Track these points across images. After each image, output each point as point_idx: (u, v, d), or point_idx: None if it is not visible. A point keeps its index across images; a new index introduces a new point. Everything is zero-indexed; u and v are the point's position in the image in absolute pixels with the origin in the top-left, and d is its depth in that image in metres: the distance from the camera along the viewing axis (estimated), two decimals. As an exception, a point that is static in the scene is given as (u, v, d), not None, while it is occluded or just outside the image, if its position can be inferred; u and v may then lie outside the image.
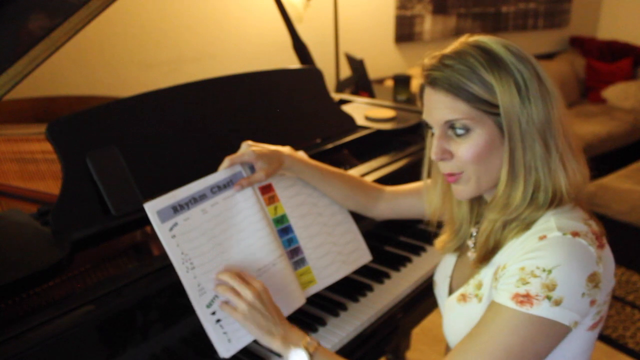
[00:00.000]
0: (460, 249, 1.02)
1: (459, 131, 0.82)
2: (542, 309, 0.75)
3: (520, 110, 0.79)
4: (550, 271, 0.75)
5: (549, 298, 0.75)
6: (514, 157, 0.81)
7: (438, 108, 0.83)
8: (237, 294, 0.90)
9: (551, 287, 0.75)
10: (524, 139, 0.80)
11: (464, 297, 0.91)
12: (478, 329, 0.80)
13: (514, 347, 0.76)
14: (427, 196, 1.03)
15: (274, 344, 0.87)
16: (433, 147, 0.86)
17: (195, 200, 0.96)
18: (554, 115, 0.81)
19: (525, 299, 0.76)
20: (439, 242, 1.04)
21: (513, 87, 0.79)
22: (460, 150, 0.83)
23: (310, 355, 0.84)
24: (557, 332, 0.77)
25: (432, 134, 0.87)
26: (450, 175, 0.87)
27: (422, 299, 1.33)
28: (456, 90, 0.80)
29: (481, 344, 0.77)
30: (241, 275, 0.93)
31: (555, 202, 0.82)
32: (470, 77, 0.79)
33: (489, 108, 0.80)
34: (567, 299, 0.75)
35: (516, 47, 0.82)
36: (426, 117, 0.87)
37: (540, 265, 0.76)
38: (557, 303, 0.75)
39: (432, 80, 0.82)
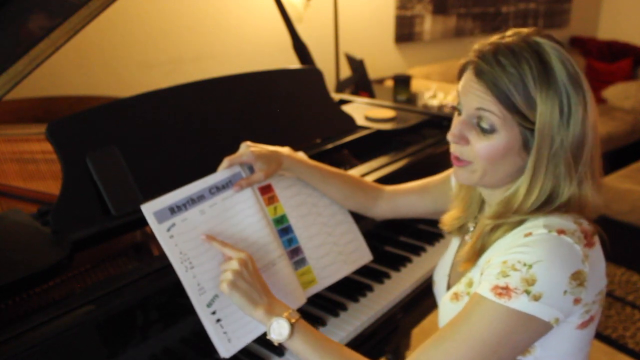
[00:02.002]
0: (461, 233, 1.02)
1: (485, 127, 0.81)
2: (519, 303, 0.75)
3: (557, 132, 0.78)
4: (530, 266, 0.76)
5: (527, 292, 0.75)
6: (535, 176, 0.81)
7: (475, 95, 0.81)
8: (226, 263, 0.90)
9: (530, 282, 0.75)
10: (551, 160, 0.80)
11: (456, 296, 0.92)
12: (458, 317, 0.80)
13: (490, 338, 0.76)
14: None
15: (256, 313, 0.87)
16: (453, 128, 0.85)
17: (193, 201, 0.96)
18: (587, 144, 0.81)
19: (504, 291, 0.76)
20: (447, 217, 1.04)
21: (556, 108, 0.77)
22: (478, 144, 0.83)
23: (292, 325, 0.84)
24: (535, 327, 0.77)
25: (459, 114, 0.86)
26: (458, 159, 0.87)
27: (422, 299, 1.33)
28: (498, 92, 0.78)
29: (458, 333, 0.78)
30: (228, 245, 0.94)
31: (556, 213, 0.82)
32: (517, 86, 0.77)
33: (523, 121, 0.79)
34: (546, 295, 0.75)
35: (574, 67, 0.79)
36: (460, 96, 0.85)
37: (522, 259, 0.77)
38: (536, 298, 0.75)
39: (479, 70, 0.80)
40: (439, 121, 1.73)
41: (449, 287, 1.01)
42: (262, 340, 1.02)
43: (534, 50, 0.78)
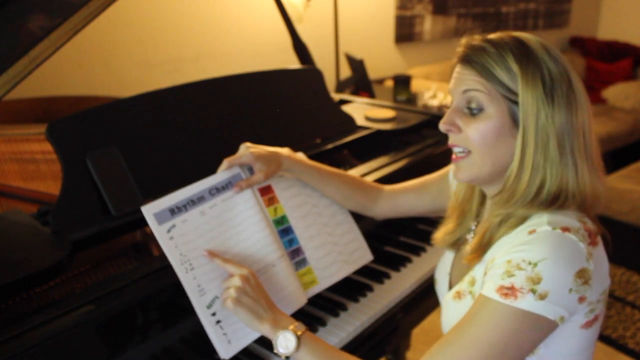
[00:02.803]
0: (457, 245, 1.02)
1: (474, 109, 0.84)
2: (526, 303, 0.75)
3: (541, 105, 0.80)
4: (535, 264, 0.76)
5: (533, 291, 0.75)
6: (525, 152, 0.82)
7: (461, 80, 0.85)
8: (228, 280, 0.91)
9: (536, 281, 0.75)
10: (539, 136, 0.80)
11: (459, 295, 0.92)
12: (464, 320, 0.80)
13: (498, 339, 0.76)
14: (450, 185, 1.07)
15: (262, 328, 0.87)
16: (444, 117, 0.88)
17: (194, 202, 0.96)
18: (576, 123, 0.81)
19: (510, 291, 0.76)
20: (440, 233, 1.04)
21: (538, 81, 0.80)
22: (470, 128, 0.84)
23: (298, 338, 0.84)
24: (542, 326, 0.77)
25: None
26: (456, 155, 0.89)
27: (422, 299, 1.33)
28: (480, 69, 0.82)
29: (466, 336, 0.78)
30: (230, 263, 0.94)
31: (557, 204, 0.82)
32: (497, 61, 0.81)
33: (508, 93, 0.81)
34: (552, 293, 0.75)
35: (555, 50, 0.83)
36: (450, 90, 0.89)
37: (527, 258, 0.77)
38: (542, 297, 0.75)
39: (463, 57, 0.85)
40: (439, 121, 1.73)
41: (450, 286, 1.01)
42: (262, 340, 1.03)
43: (514, 37, 0.84)
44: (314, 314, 1.17)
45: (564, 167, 0.81)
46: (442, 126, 0.88)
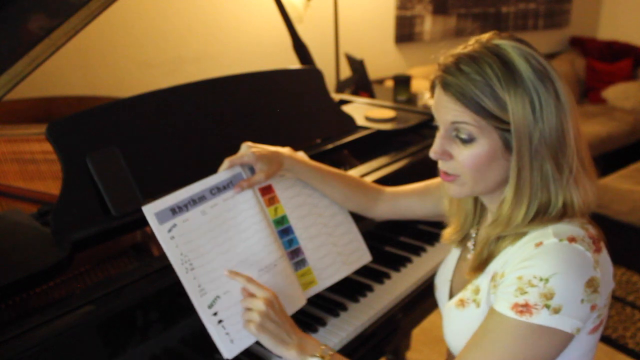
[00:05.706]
0: (463, 244, 1.02)
1: (464, 138, 0.81)
2: (541, 318, 0.75)
3: (533, 128, 0.78)
4: (547, 280, 0.75)
5: (547, 307, 0.75)
6: (520, 176, 0.80)
7: (447, 108, 0.81)
8: (250, 301, 0.89)
9: (549, 296, 0.75)
10: (534, 158, 0.79)
11: (462, 303, 0.91)
12: (480, 338, 0.80)
13: (516, 356, 0.76)
14: (443, 190, 1.04)
15: (289, 354, 0.85)
16: (434, 145, 0.85)
17: (195, 201, 0.95)
18: (568, 135, 0.79)
19: (525, 308, 0.76)
20: (446, 233, 1.03)
21: (528, 106, 0.77)
22: (461, 156, 0.82)
23: None
24: (559, 340, 0.77)
25: (438, 130, 0.86)
26: (446, 175, 0.87)
27: (422, 300, 1.33)
28: (467, 101, 0.78)
29: (483, 355, 0.77)
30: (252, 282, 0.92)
31: (565, 217, 0.81)
32: (484, 90, 0.77)
33: (499, 124, 0.78)
34: (566, 306, 0.75)
35: (538, 59, 0.79)
36: (434, 112, 0.85)
37: (537, 274, 0.76)
38: (556, 311, 0.75)
39: (444, 83, 0.80)
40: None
41: (451, 293, 1.00)
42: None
43: (494, 53, 0.78)
44: (314, 314, 1.17)
45: (566, 182, 0.80)
46: (433, 155, 0.85)
